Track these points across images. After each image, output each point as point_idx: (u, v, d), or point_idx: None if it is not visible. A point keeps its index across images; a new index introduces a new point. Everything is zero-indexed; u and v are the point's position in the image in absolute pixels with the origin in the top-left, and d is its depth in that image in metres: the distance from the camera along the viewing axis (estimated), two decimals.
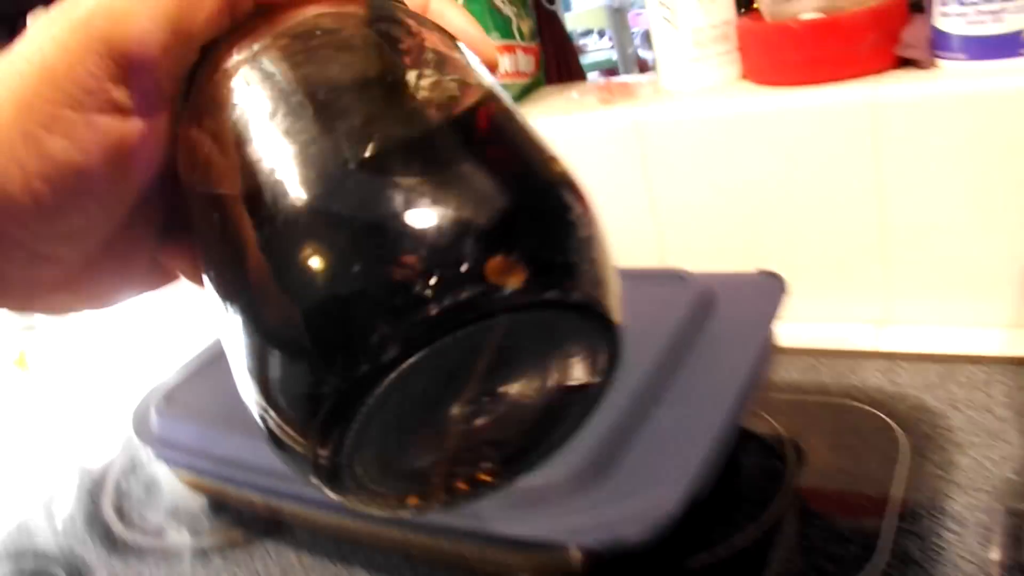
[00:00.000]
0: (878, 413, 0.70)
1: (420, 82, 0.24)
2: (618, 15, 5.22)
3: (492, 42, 0.30)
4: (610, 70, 5.34)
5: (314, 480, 0.24)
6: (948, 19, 0.72)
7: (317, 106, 0.23)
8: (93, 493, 0.83)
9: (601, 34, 5.63)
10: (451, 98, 0.24)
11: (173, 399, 0.76)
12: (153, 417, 0.75)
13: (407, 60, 0.25)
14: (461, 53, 0.27)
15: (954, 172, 0.73)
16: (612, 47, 5.37)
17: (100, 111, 0.24)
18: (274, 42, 0.25)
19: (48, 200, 0.25)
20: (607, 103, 0.86)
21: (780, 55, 0.78)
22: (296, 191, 0.22)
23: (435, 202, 0.21)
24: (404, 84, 0.24)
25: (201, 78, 0.26)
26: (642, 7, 6.22)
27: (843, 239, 0.80)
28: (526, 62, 0.97)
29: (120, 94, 0.24)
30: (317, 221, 0.22)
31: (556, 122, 0.88)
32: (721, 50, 0.82)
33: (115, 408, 1.01)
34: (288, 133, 0.23)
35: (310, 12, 0.26)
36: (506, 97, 0.26)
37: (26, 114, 0.24)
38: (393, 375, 0.21)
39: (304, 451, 0.23)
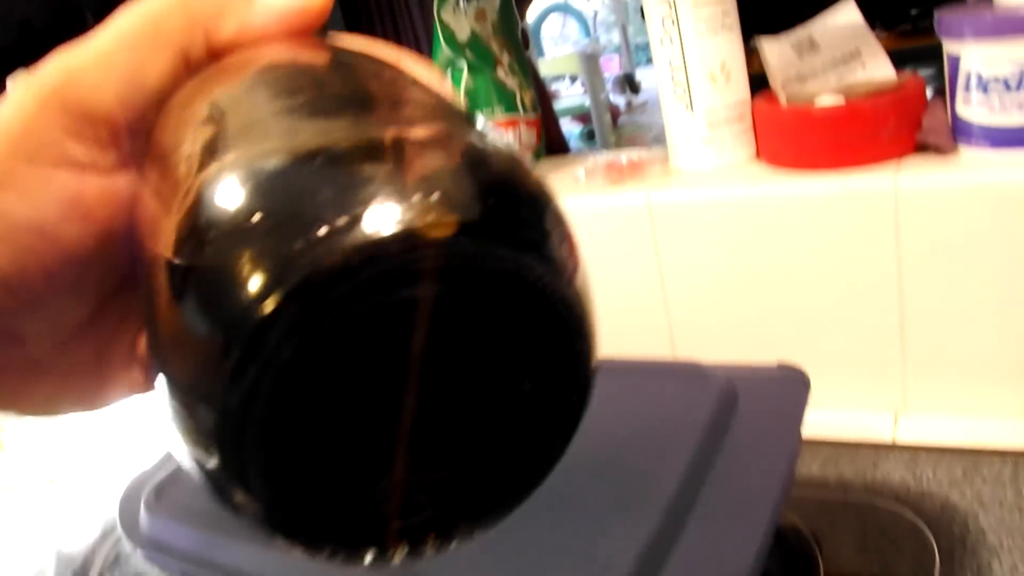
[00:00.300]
0: (904, 513, 0.68)
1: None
2: (591, 61, 5.28)
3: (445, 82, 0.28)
4: (583, 116, 5.38)
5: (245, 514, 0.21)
6: (971, 108, 0.71)
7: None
8: None
9: (573, 79, 5.69)
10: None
11: (164, 494, 0.72)
12: (142, 514, 0.71)
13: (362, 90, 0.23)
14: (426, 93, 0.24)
15: (976, 261, 0.72)
16: (584, 92, 5.43)
17: (55, 165, 0.24)
18: (210, 78, 0.24)
19: (4, 260, 0.23)
20: (616, 183, 0.84)
21: (798, 139, 0.76)
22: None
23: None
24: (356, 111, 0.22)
25: (155, 135, 0.24)
26: (614, 52, 6.30)
27: (861, 326, 0.78)
28: (528, 135, 0.95)
29: (76, 149, 0.24)
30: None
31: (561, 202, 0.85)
32: (735, 131, 0.81)
33: (98, 493, 0.97)
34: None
35: (263, 53, 0.25)
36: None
37: None
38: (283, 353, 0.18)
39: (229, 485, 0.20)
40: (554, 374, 0.22)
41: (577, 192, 0.85)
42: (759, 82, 0.83)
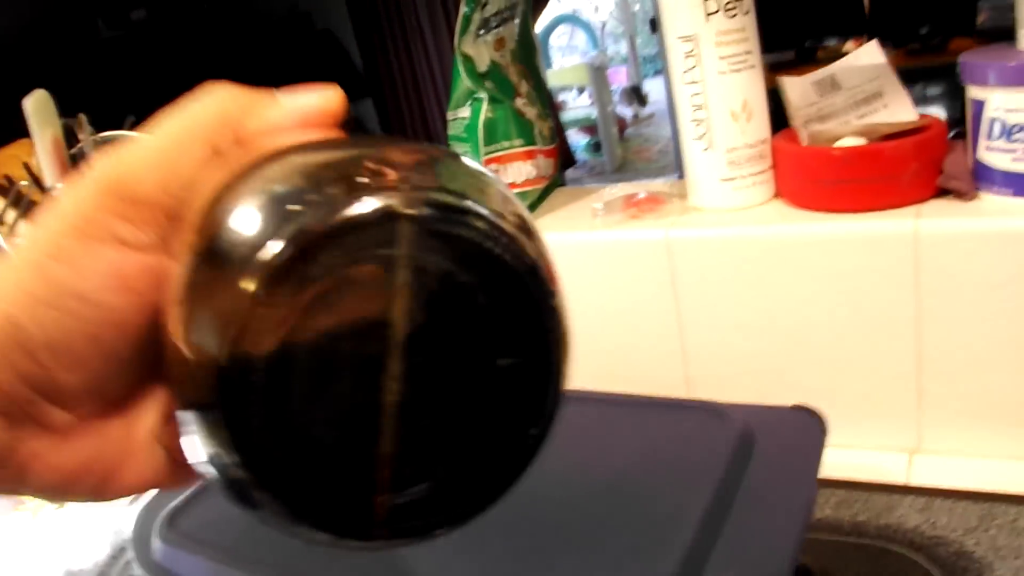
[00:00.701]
0: (920, 561, 0.68)
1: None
2: (599, 73, 5.29)
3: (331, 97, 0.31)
4: (590, 127, 5.38)
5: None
6: (993, 154, 0.71)
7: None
8: None
9: (580, 90, 5.70)
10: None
11: (177, 522, 0.72)
12: (155, 541, 0.71)
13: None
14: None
15: (994, 306, 0.72)
16: (592, 104, 5.44)
17: (101, 241, 0.27)
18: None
19: (51, 327, 0.27)
20: (634, 218, 0.84)
21: (819, 180, 0.76)
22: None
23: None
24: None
25: (183, 215, 0.28)
26: (622, 64, 6.31)
27: (877, 366, 0.78)
28: (546, 165, 0.95)
29: (121, 228, 0.27)
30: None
31: (579, 237, 0.85)
32: (756, 170, 0.81)
33: (108, 512, 0.97)
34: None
35: (289, 142, 0.28)
36: None
37: (36, 248, 0.27)
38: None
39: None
40: (526, 345, 0.25)
41: (595, 227, 0.85)
42: (779, 119, 0.83)
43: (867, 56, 0.78)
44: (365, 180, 0.23)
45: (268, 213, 0.23)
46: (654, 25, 4.60)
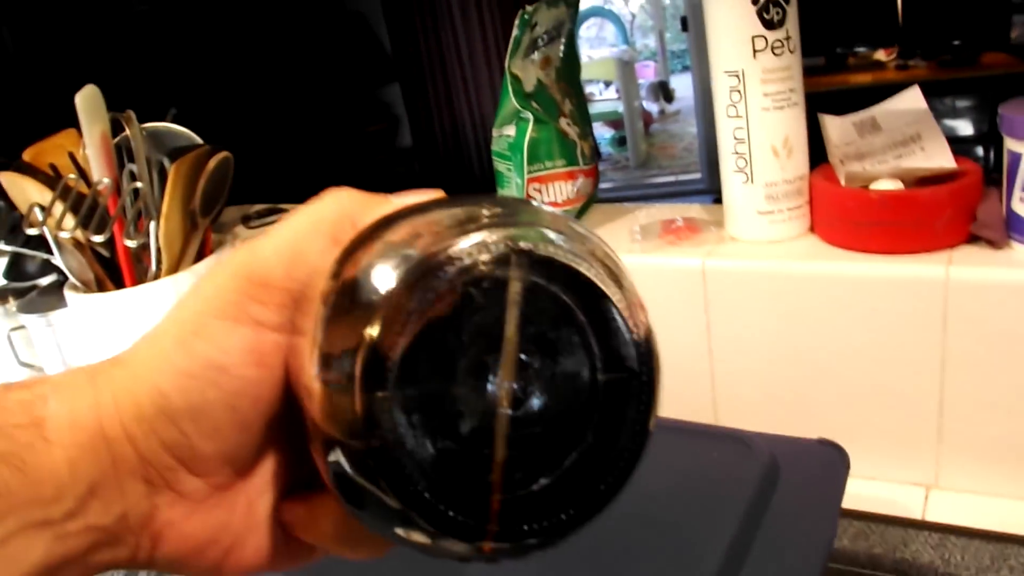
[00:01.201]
0: None
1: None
2: (627, 68, 5.28)
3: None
4: (615, 122, 5.37)
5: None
6: None
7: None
8: None
9: (607, 84, 5.69)
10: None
11: None
12: None
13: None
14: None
15: (1019, 354, 0.74)
16: (618, 98, 5.44)
17: (239, 321, 0.30)
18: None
19: (195, 396, 0.30)
20: (672, 244, 0.86)
21: (855, 220, 0.78)
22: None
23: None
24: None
25: (309, 295, 0.31)
26: (649, 58, 6.27)
27: (900, 404, 0.80)
28: (586, 185, 0.97)
29: (255, 309, 0.30)
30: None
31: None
32: (792, 204, 0.83)
33: None
34: None
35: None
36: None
37: (180, 325, 0.30)
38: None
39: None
40: (620, 360, 0.28)
41: (633, 250, 0.87)
42: (816, 150, 0.85)
43: (909, 101, 0.80)
44: (472, 223, 0.27)
45: (391, 259, 0.27)
46: (685, 23, 4.59)
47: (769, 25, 0.78)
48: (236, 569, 0.33)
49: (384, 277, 0.26)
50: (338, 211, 0.32)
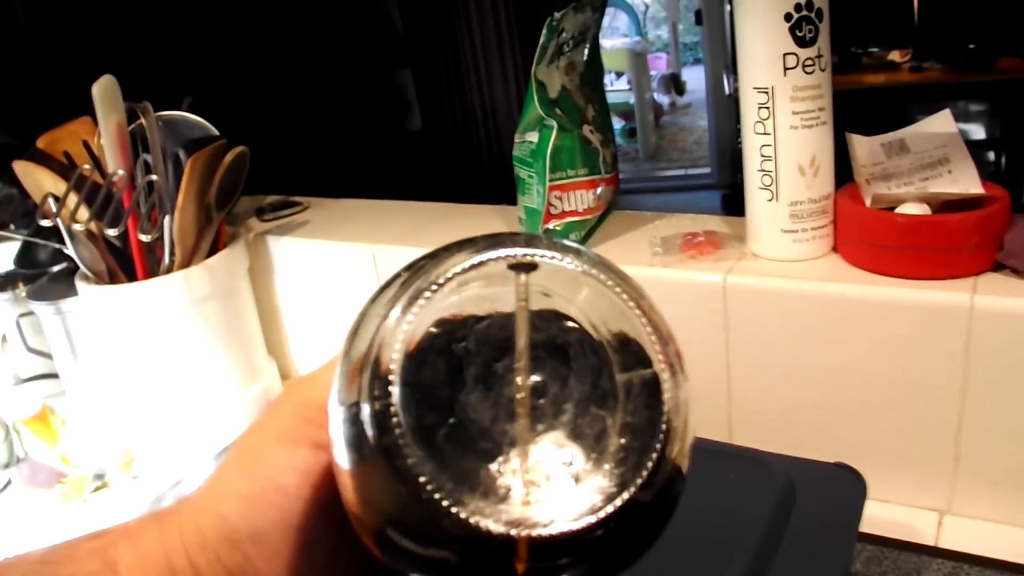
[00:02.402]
0: None
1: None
2: (639, 59, 5.26)
3: None
4: (626, 113, 5.35)
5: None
6: None
7: None
8: None
9: (619, 75, 5.67)
10: None
11: None
12: None
13: None
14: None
15: None
16: (629, 89, 5.42)
17: (296, 444, 0.31)
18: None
19: (256, 519, 0.31)
20: (693, 259, 0.85)
21: (880, 244, 0.77)
22: None
23: None
24: None
25: None
26: (661, 50, 6.25)
27: (917, 428, 0.79)
28: (606, 193, 0.96)
29: (311, 432, 0.31)
30: None
31: (638, 273, 0.86)
32: (817, 224, 0.82)
33: (150, 486, 0.99)
34: None
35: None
36: None
37: (241, 453, 0.32)
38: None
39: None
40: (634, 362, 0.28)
41: (653, 263, 0.86)
42: (841, 168, 0.84)
43: (939, 124, 0.79)
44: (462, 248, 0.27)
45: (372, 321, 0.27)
46: (699, 16, 4.56)
47: (801, 43, 0.77)
48: None
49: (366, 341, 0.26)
50: None
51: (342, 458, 0.27)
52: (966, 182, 0.79)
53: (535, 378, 0.27)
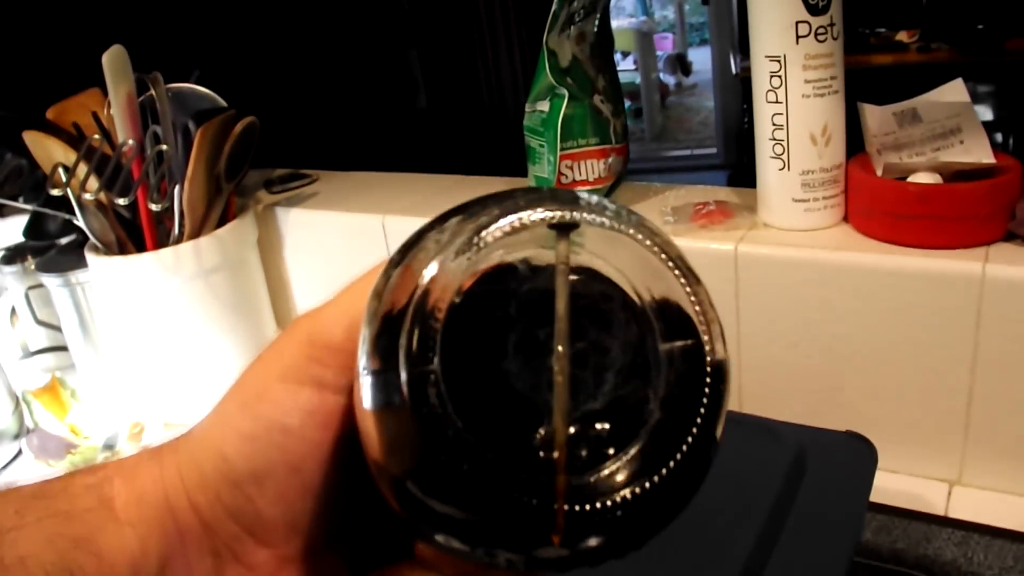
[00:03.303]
0: None
1: None
2: (645, 39, 5.24)
3: None
4: (632, 93, 5.33)
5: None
6: None
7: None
8: None
9: (625, 55, 5.66)
10: None
11: None
12: None
13: None
14: None
15: None
16: (635, 69, 5.40)
17: (301, 383, 0.30)
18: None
19: (259, 461, 0.29)
20: (705, 228, 0.85)
21: (892, 212, 0.77)
22: None
23: None
24: None
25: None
26: (668, 30, 6.24)
27: (928, 398, 0.79)
28: (617, 163, 0.96)
29: (317, 371, 0.30)
30: None
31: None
32: (829, 193, 0.81)
33: None
34: None
35: None
36: None
37: (242, 389, 0.31)
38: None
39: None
40: (679, 331, 0.27)
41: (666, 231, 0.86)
42: (853, 139, 0.83)
43: (951, 93, 0.78)
44: (510, 204, 0.26)
45: (417, 270, 0.26)
46: None
47: (813, 11, 0.76)
48: None
49: (410, 290, 0.25)
50: None
51: (369, 402, 0.26)
52: (978, 152, 0.79)
53: (576, 346, 0.26)
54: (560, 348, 0.25)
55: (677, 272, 0.27)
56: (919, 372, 0.79)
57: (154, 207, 0.95)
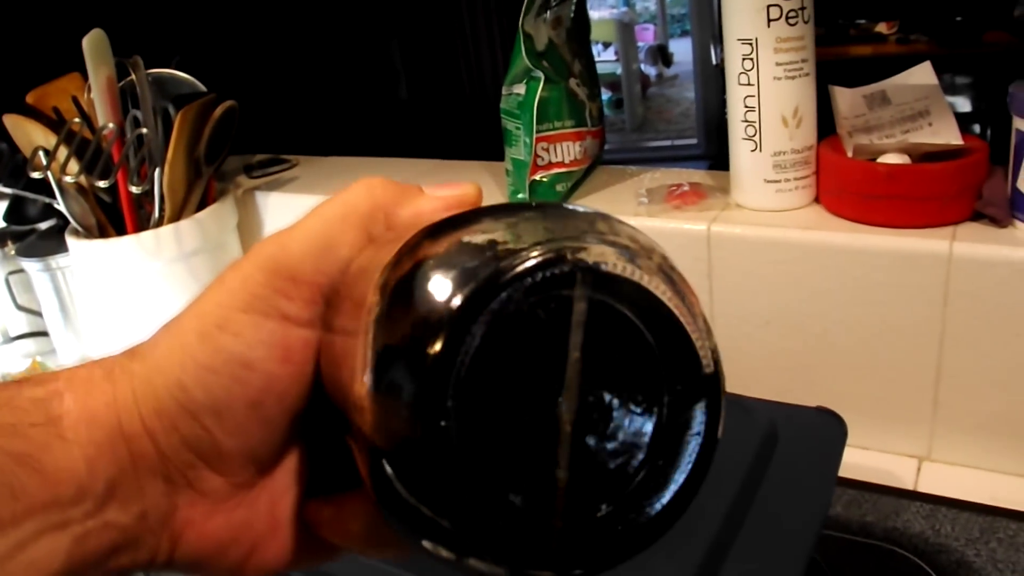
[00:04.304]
0: (921, 564, 0.71)
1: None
2: (626, 30, 5.24)
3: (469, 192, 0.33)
4: (613, 83, 5.34)
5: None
6: None
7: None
8: None
9: (606, 46, 5.66)
10: None
11: None
12: None
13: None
14: None
15: (1017, 331, 0.74)
16: (616, 60, 5.41)
17: (265, 315, 0.29)
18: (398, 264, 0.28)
19: (219, 392, 0.29)
20: (678, 209, 0.86)
21: (861, 193, 0.79)
22: None
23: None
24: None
25: (344, 292, 0.30)
26: (649, 21, 6.22)
27: (897, 375, 0.81)
28: (593, 146, 0.97)
29: (282, 303, 0.29)
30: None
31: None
32: (800, 175, 0.83)
33: None
34: None
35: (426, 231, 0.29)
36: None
37: (202, 318, 0.29)
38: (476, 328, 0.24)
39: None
40: (687, 383, 0.27)
41: (639, 213, 0.88)
42: (824, 123, 0.85)
43: (919, 76, 0.80)
44: (533, 236, 0.26)
45: (450, 273, 0.25)
46: None
47: None
48: (258, 569, 0.33)
49: (445, 291, 0.24)
50: (370, 203, 0.32)
51: (371, 381, 0.25)
52: (946, 134, 0.80)
53: (586, 398, 0.26)
54: (569, 397, 0.25)
55: (685, 313, 0.26)
56: (889, 349, 0.80)
57: (134, 190, 0.96)
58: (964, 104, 3.37)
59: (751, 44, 0.80)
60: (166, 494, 0.30)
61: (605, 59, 5.59)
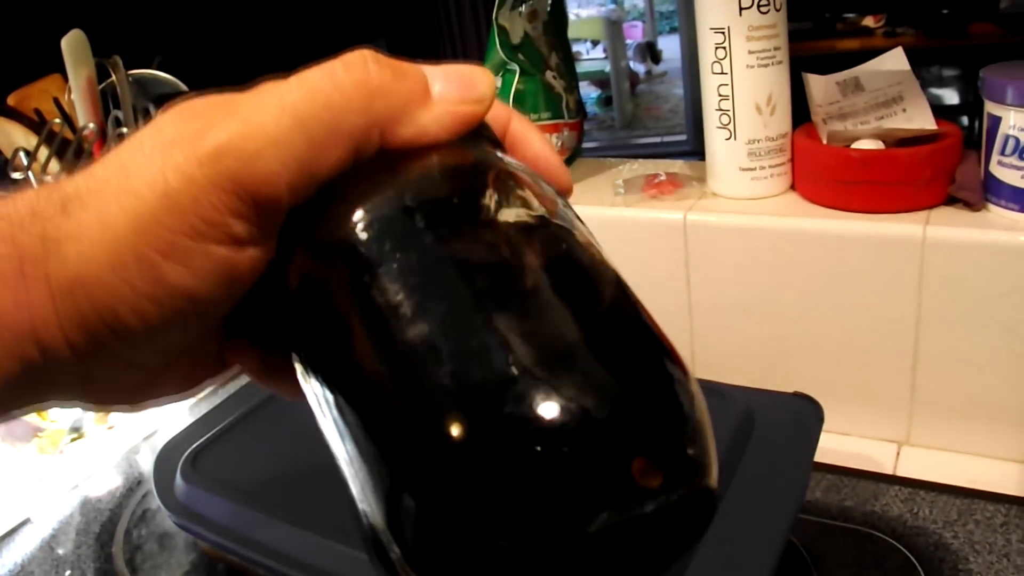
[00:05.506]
0: (899, 547, 0.72)
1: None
2: (615, 28, 5.25)
3: (566, 170, 0.32)
4: (602, 81, 5.33)
5: None
6: (1005, 169, 0.74)
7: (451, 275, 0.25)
8: (103, 541, 0.82)
9: (595, 44, 5.67)
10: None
11: (200, 463, 0.75)
12: (178, 481, 0.73)
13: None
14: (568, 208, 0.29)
15: (992, 314, 0.75)
16: (605, 58, 5.42)
17: (218, 242, 0.25)
18: (398, 197, 0.26)
19: (155, 321, 0.26)
20: (654, 199, 0.87)
21: (836, 179, 0.79)
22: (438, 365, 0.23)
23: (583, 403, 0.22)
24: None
25: (329, 218, 0.27)
26: (638, 19, 6.23)
27: (875, 360, 0.81)
28: (570, 138, 0.97)
29: (240, 228, 0.25)
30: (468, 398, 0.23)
31: (600, 213, 0.88)
32: (775, 162, 0.83)
33: (122, 445, 1.00)
34: (424, 297, 0.24)
35: (427, 162, 0.27)
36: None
37: (143, 238, 0.25)
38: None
39: None
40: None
41: (615, 203, 0.88)
42: (799, 110, 0.85)
43: (892, 62, 0.80)
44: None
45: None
46: None
47: None
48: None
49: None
50: (366, 118, 0.27)
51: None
52: (920, 119, 0.80)
53: None
54: None
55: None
56: (865, 334, 0.81)
57: None
58: (951, 96, 3.38)
59: (723, 33, 0.80)
60: (82, 391, 0.28)
61: (594, 57, 5.60)
